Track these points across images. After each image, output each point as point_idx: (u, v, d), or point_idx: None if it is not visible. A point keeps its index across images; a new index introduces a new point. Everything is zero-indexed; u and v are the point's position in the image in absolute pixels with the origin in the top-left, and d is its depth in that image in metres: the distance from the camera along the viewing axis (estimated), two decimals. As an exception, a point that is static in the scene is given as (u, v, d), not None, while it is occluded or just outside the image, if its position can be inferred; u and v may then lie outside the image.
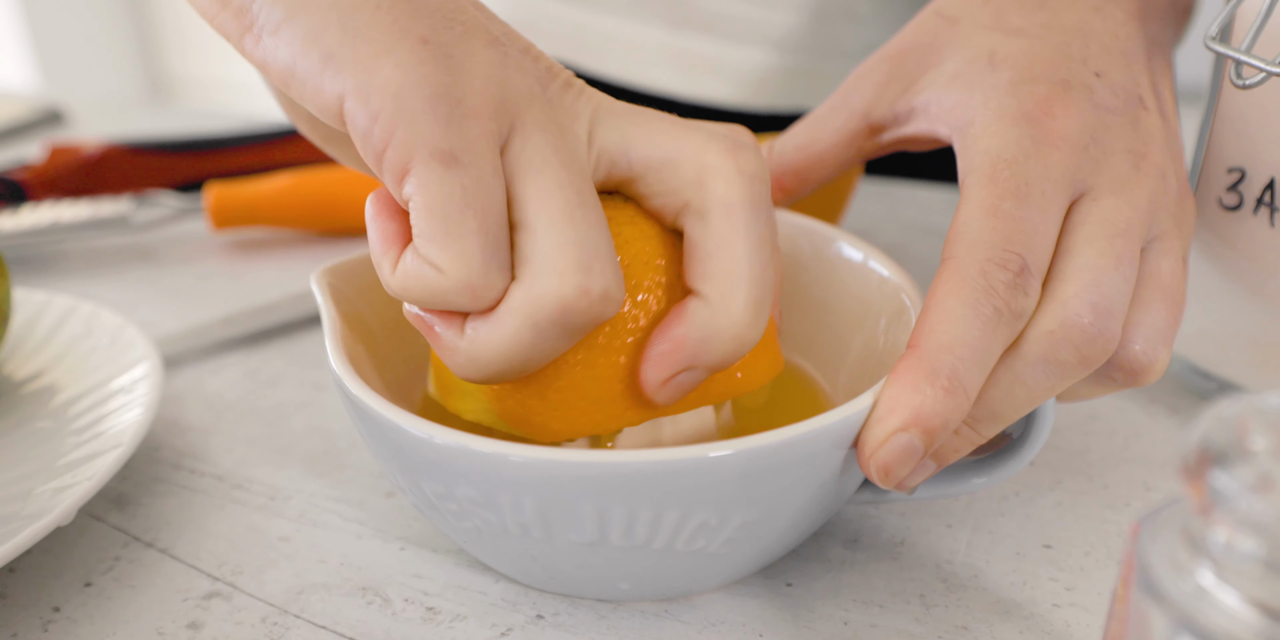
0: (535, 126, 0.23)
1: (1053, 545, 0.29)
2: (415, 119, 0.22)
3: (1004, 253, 0.24)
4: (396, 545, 0.30)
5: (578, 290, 0.22)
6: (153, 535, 0.31)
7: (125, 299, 0.46)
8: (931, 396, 0.23)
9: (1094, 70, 0.28)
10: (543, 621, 0.27)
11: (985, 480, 0.27)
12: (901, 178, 0.60)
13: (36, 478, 0.31)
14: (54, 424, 0.34)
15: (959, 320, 0.24)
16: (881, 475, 0.23)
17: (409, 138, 0.22)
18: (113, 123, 0.73)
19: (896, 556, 0.29)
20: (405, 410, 0.24)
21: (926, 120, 0.30)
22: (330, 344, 0.27)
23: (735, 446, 0.22)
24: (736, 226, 0.23)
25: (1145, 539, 0.18)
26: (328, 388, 0.38)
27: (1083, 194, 0.26)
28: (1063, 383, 0.25)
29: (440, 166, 0.22)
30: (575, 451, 0.22)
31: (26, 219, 0.49)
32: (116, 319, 0.38)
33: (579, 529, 0.23)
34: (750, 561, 0.26)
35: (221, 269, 0.49)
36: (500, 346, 0.23)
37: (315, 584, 0.29)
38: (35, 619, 0.28)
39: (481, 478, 0.23)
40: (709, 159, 0.24)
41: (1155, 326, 0.26)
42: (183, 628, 0.27)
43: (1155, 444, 0.34)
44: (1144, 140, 0.28)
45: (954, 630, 0.27)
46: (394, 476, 0.26)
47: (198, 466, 0.34)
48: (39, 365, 0.37)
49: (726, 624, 0.27)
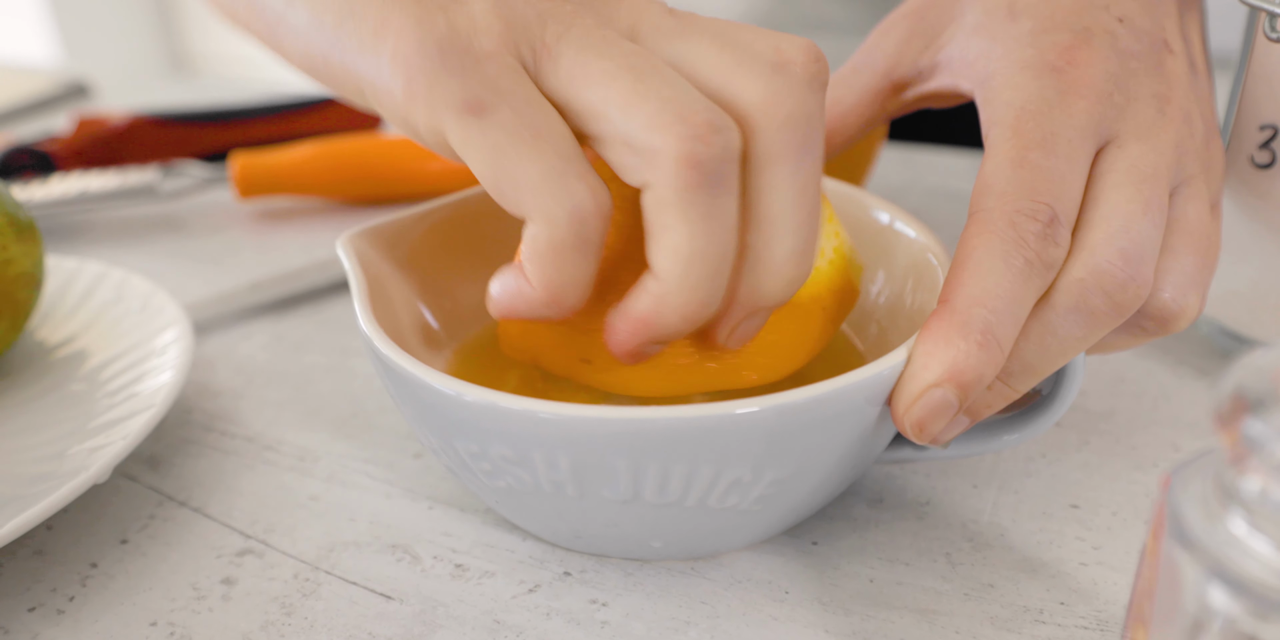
0: (559, 40, 0.22)
1: (1079, 505, 0.29)
2: (431, 81, 0.22)
3: (1032, 203, 0.24)
4: (425, 504, 0.30)
5: (693, 137, 0.21)
6: (186, 494, 0.31)
7: (153, 267, 0.46)
8: (965, 350, 0.23)
9: (1116, 15, 0.28)
10: (570, 578, 0.27)
11: (1016, 437, 0.27)
12: (924, 143, 0.59)
13: (71, 438, 0.31)
14: (87, 387, 0.34)
15: (990, 273, 0.24)
16: (916, 431, 0.23)
17: (432, 101, 0.22)
18: (137, 95, 0.73)
19: (922, 516, 0.29)
20: (435, 369, 0.24)
21: (949, 75, 0.29)
22: (359, 306, 0.27)
23: (762, 403, 0.22)
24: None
25: (1176, 489, 0.18)
26: (355, 352, 0.39)
27: (1108, 141, 0.26)
28: (1096, 332, 0.24)
29: (473, 117, 0.21)
30: (602, 408, 0.23)
31: (56, 189, 0.49)
32: (147, 284, 0.38)
33: (612, 486, 0.24)
34: (781, 519, 0.26)
35: (248, 237, 0.49)
36: (683, 239, 0.21)
37: (345, 541, 0.29)
38: (74, 574, 0.28)
39: (513, 435, 0.23)
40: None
41: (1185, 272, 0.25)
42: (217, 583, 0.28)
43: (1184, 405, 0.34)
44: (1168, 84, 0.27)
45: (980, 587, 0.27)
46: (425, 437, 0.26)
47: (229, 428, 0.34)
48: (71, 330, 0.38)
49: (753, 581, 0.27)
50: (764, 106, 0.22)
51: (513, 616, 0.26)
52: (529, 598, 0.27)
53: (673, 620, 0.26)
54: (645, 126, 0.21)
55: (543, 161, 0.21)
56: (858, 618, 0.26)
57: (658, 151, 0.21)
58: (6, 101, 0.70)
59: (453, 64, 0.22)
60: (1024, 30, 0.28)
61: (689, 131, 0.21)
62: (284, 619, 0.26)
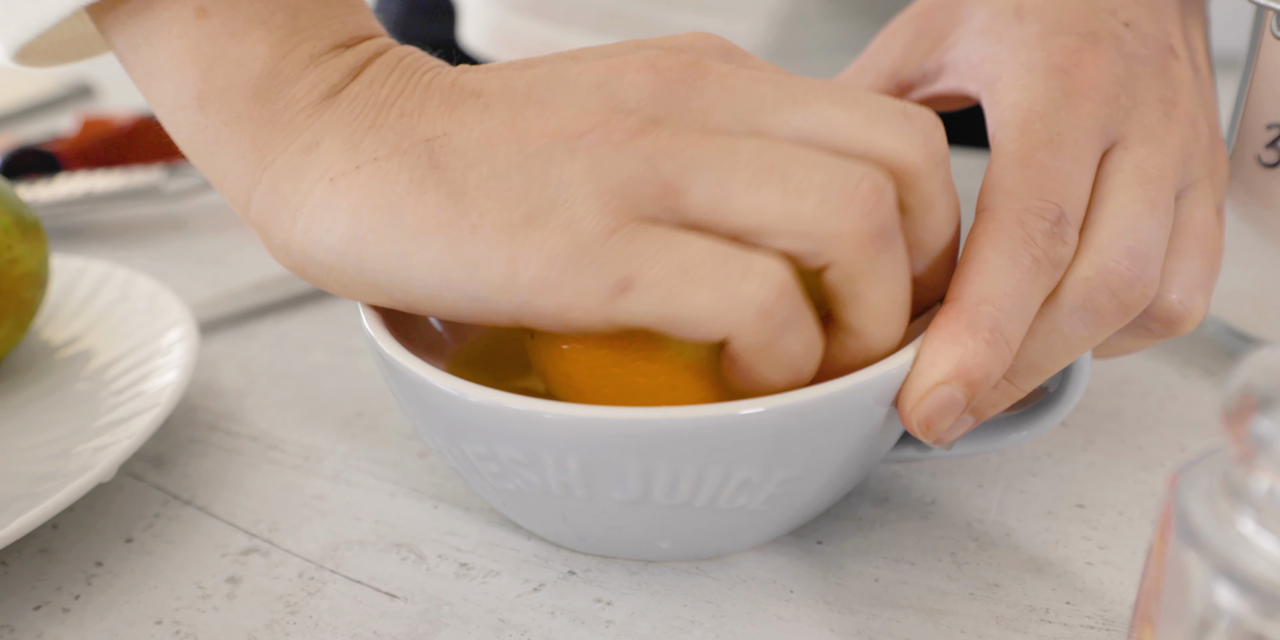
0: (681, 176, 0.22)
1: (1085, 505, 0.29)
2: (574, 288, 0.22)
3: (1040, 202, 0.24)
4: (429, 504, 0.30)
5: (865, 212, 0.22)
6: (191, 493, 0.31)
7: (158, 266, 0.46)
8: (973, 348, 0.23)
9: (1123, 20, 0.28)
10: (575, 577, 0.27)
11: (1022, 435, 0.27)
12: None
13: (76, 437, 0.31)
14: (92, 386, 0.34)
15: (998, 271, 0.23)
16: (923, 428, 0.23)
17: (579, 300, 0.22)
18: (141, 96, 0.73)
19: (927, 515, 0.29)
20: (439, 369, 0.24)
21: (955, 77, 0.29)
22: (363, 307, 0.27)
23: (769, 403, 0.22)
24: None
25: (1183, 488, 0.18)
26: (359, 352, 0.39)
27: (1114, 144, 0.26)
28: (1102, 332, 0.24)
29: (624, 295, 0.22)
30: (609, 408, 0.23)
31: (61, 189, 0.50)
32: (152, 284, 0.38)
33: (622, 487, 0.24)
34: (790, 519, 0.26)
35: (252, 237, 0.49)
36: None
37: (350, 540, 0.29)
38: (79, 573, 0.28)
39: (520, 436, 0.23)
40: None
41: (1191, 275, 0.25)
42: (222, 582, 0.28)
43: (1190, 406, 0.34)
44: (1174, 89, 0.27)
45: (986, 587, 0.27)
46: (431, 438, 0.26)
47: (233, 428, 0.34)
48: (76, 330, 0.38)
49: (758, 581, 0.27)
50: (917, 156, 0.22)
51: (517, 615, 0.26)
52: (534, 597, 0.27)
53: (678, 619, 0.26)
54: (816, 220, 0.21)
55: (706, 290, 0.21)
56: (863, 617, 0.26)
57: (838, 237, 0.21)
58: (12, 102, 0.70)
59: (586, 264, 0.21)
60: (1031, 33, 0.28)
61: (860, 208, 0.21)
62: (289, 618, 0.26)
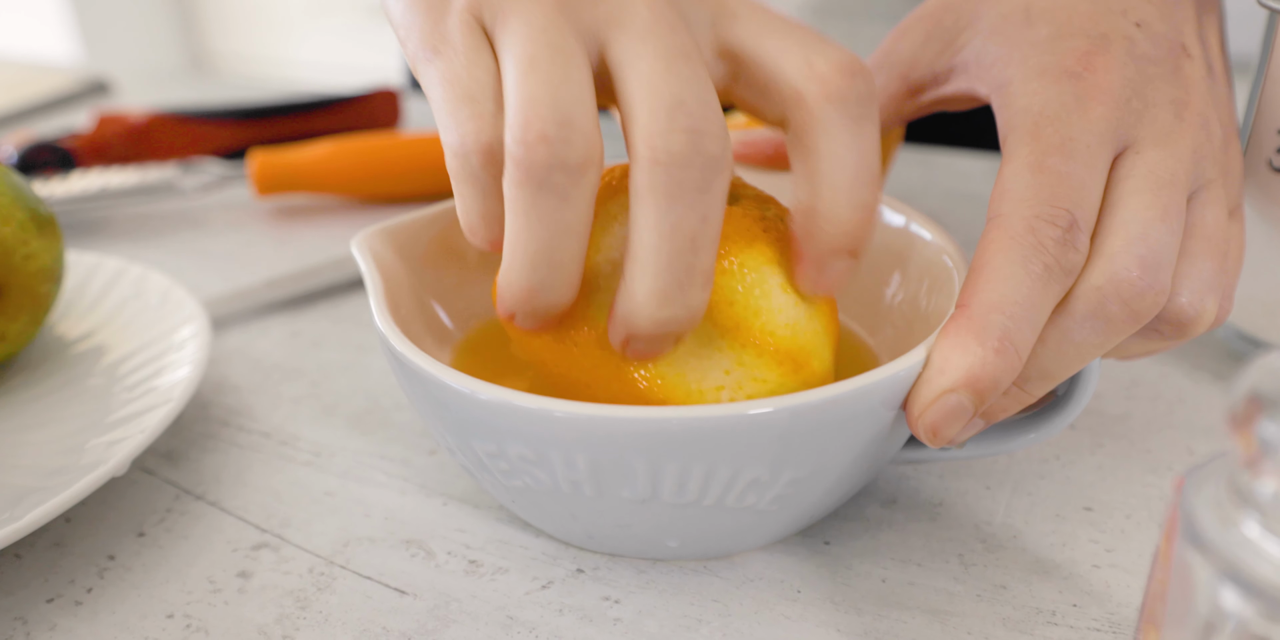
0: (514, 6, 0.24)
1: (1093, 507, 0.29)
2: (409, 25, 0.25)
3: (1052, 208, 0.24)
4: (439, 501, 0.30)
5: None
6: (203, 488, 0.31)
7: (172, 263, 0.47)
8: (982, 357, 0.23)
9: (1134, 21, 0.28)
10: (583, 575, 0.27)
11: (1031, 437, 0.27)
12: (942, 145, 0.59)
13: (89, 432, 0.32)
14: (105, 382, 0.35)
15: (1009, 278, 0.23)
16: (930, 434, 0.23)
17: (406, 40, 0.25)
18: (156, 93, 0.74)
19: (935, 517, 0.29)
20: (449, 367, 0.24)
21: (966, 79, 0.29)
22: (375, 305, 0.27)
23: (777, 404, 0.22)
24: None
25: (1190, 491, 0.18)
26: (370, 349, 0.39)
27: (1126, 147, 0.26)
28: (1112, 339, 0.24)
29: (426, 60, 0.25)
30: (619, 407, 0.23)
31: (76, 185, 0.50)
32: (165, 280, 0.38)
33: (631, 486, 0.24)
34: (797, 519, 0.26)
35: (265, 234, 0.49)
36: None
37: (360, 537, 0.29)
38: (91, 567, 0.28)
39: (529, 434, 0.23)
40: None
41: (1201, 277, 0.25)
42: (233, 576, 0.28)
43: (1199, 409, 0.34)
44: (1186, 89, 0.27)
45: (993, 589, 0.27)
46: (441, 436, 0.26)
47: (245, 424, 0.35)
48: (90, 325, 0.38)
49: (765, 580, 0.27)
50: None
51: (526, 613, 0.26)
52: (542, 594, 0.27)
53: (685, 618, 0.26)
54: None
55: (463, 106, 0.23)
56: (870, 618, 0.26)
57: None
58: (28, 98, 0.70)
59: (427, 9, 0.25)
60: (1041, 36, 0.28)
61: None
62: (299, 612, 0.27)
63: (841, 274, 0.24)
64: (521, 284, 0.23)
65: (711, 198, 0.22)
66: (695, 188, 0.22)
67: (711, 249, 0.22)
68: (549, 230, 0.22)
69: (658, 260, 0.22)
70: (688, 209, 0.22)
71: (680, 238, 0.22)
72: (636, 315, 0.23)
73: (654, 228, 0.22)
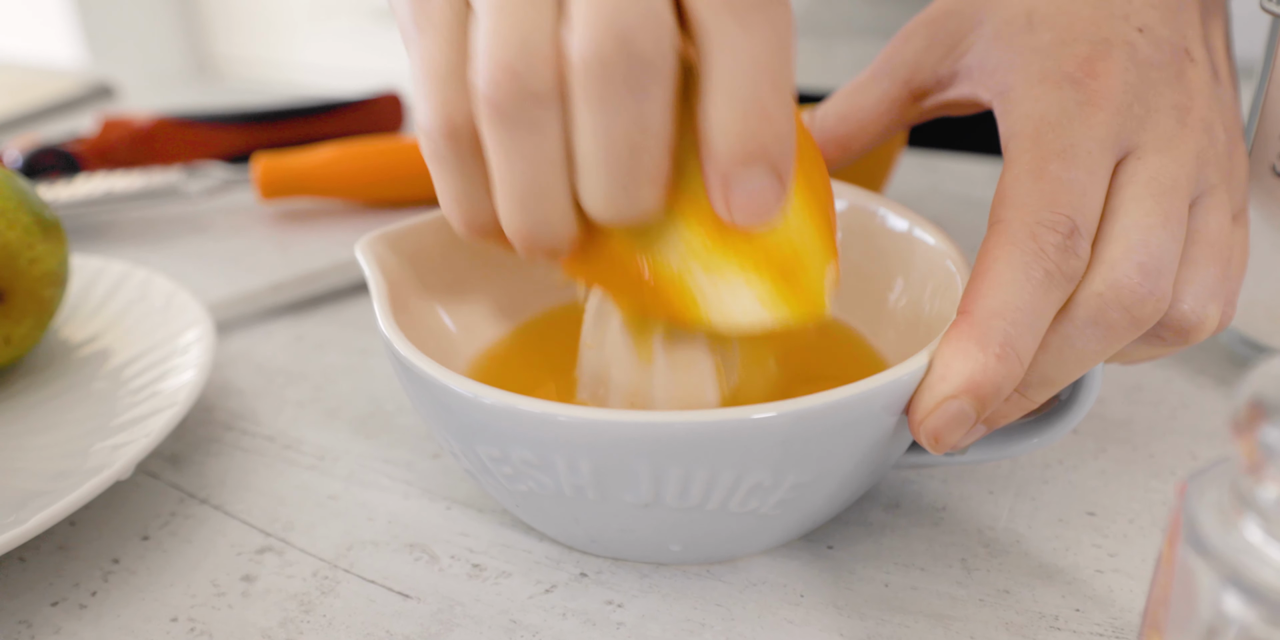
0: None
1: (1096, 512, 0.29)
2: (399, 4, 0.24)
3: (1053, 214, 0.24)
4: (442, 504, 0.31)
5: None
6: (207, 492, 0.32)
7: (176, 267, 0.47)
8: (984, 363, 0.23)
9: (1136, 25, 0.28)
10: (586, 579, 0.28)
11: (1034, 442, 0.27)
12: (944, 150, 0.59)
13: (94, 435, 0.32)
14: (110, 385, 0.35)
15: (1010, 284, 0.24)
16: (932, 441, 0.23)
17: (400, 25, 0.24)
18: (161, 97, 0.74)
19: (938, 521, 0.29)
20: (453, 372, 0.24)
21: (968, 84, 0.29)
22: (379, 309, 0.27)
23: (780, 408, 0.23)
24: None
25: (1193, 496, 0.18)
26: (374, 353, 0.39)
27: (1128, 153, 0.26)
28: (1114, 345, 0.24)
29: (410, 43, 0.24)
30: (621, 412, 0.23)
31: (81, 189, 0.50)
32: (170, 284, 0.38)
33: (634, 490, 0.24)
34: (800, 524, 0.26)
35: (269, 238, 0.50)
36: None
37: (364, 540, 0.29)
38: (96, 570, 0.29)
39: (533, 438, 0.23)
40: None
41: (1203, 283, 0.25)
42: (237, 580, 0.28)
43: (1202, 414, 0.34)
44: (1189, 94, 0.27)
45: (996, 594, 0.27)
46: (446, 441, 0.26)
47: (249, 427, 0.35)
48: (95, 329, 0.38)
49: (768, 584, 0.27)
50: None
51: (529, 616, 0.26)
52: (545, 598, 0.27)
53: (688, 622, 0.26)
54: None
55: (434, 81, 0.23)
56: (873, 622, 0.26)
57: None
58: (33, 102, 0.71)
59: None
60: (1043, 41, 0.28)
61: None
62: (303, 616, 0.27)
63: (758, 192, 0.22)
64: (518, 225, 0.23)
65: (650, 103, 0.21)
66: (626, 91, 0.21)
67: (656, 152, 0.22)
68: (531, 165, 0.22)
69: (596, 167, 0.22)
70: (618, 114, 0.21)
71: (615, 144, 0.21)
72: (591, 212, 0.23)
73: (589, 133, 0.21)
